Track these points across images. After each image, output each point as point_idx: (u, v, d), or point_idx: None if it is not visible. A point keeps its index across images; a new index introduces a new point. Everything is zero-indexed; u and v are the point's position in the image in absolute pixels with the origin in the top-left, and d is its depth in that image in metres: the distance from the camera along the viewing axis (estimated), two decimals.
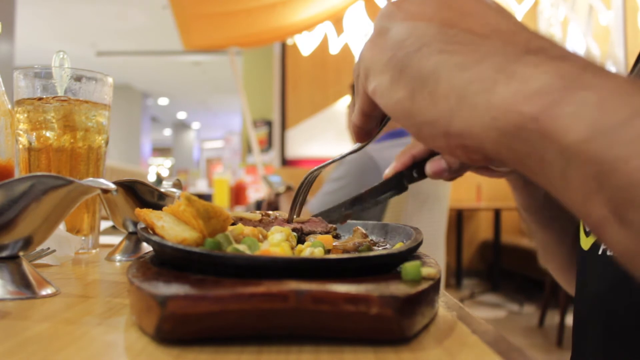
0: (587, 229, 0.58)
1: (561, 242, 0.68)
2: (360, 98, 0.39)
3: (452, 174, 0.51)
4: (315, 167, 0.51)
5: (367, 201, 0.51)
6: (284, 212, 0.53)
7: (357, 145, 0.48)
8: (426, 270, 0.34)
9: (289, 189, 2.15)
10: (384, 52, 0.35)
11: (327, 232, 0.49)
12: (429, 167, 0.50)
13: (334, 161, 0.51)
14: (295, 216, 0.52)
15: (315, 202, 1.81)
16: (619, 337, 0.51)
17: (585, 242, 0.58)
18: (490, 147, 0.30)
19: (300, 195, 0.52)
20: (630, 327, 0.49)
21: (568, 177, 0.26)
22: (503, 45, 0.30)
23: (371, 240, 0.48)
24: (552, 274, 0.75)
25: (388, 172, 0.51)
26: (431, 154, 0.51)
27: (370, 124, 0.42)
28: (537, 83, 0.27)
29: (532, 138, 0.27)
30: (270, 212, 0.53)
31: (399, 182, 0.51)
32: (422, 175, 0.51)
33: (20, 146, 0.64)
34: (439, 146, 0.33)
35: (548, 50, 0.29)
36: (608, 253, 0.53)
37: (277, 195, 2.19)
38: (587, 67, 0.27)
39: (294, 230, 0.48)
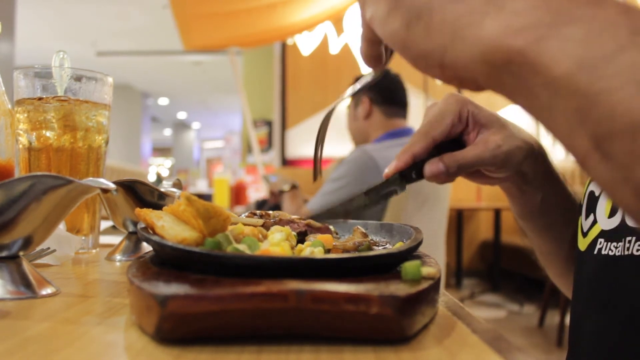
0: (584, 230, 0.58)
1: (558, 248, 0.68)
2: (362, 24, 0.40)
3: (448, 176, 0.51)
4: (329, 110, 0.48)
5: (368, 199, 0.50)
6: (284, 213, 0.53)
7: (372, 74, 0.46)
8: (426, 270, 0.34)
9: (294, 187, 2.12)
10: None
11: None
12: (427, 168, 0.50)
13: (346, 96, 0.49)
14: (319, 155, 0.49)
15: (315, 202, 1.81)
16: (615, 337, 0.51)
17: (582, 243, 0.58)
18: (483, 79, 0.31)
19: (319, 143, 0.49)
20: (626, 327, 0.49)
21: (553, 109, 0.27)
22: None
23: (371, 240, 0.48)
24: (552, 279, 0.74)
25: (389, 170, 0.50)
26: (430, 155, 0.51)
27: (376, 49, 0.43)
28: (525, 17, 0.28)
29: (519, 71, 0.28)
30: (271, 212, 0.53)
31: (399, 182, 0.51)
32: (420, 176, 0.51)
33: (20, 146, 0.64)
34: (434, 75, 0.34)
35: None
36: (603, 253, 0.53)
37: (282, 192, 2.16)
38: None
39: (300, 233, 0.47)
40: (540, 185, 0.60)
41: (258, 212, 0.52)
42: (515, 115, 3.17)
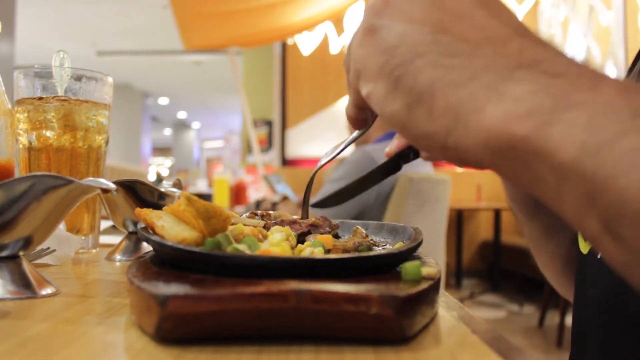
0: None
1: (549, 236, 0.68)
2: (353, 93, 0.39)
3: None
4: (319, 165, 0.51)
5: (371, 180, 0.51)
6: (285, 213, 0.53)
7: (357, 133, 0.48)
8: (426, 270, 0.34)
9: (284, 198, 2.19)
10: (376, 56, 0.34)
11: (330, 231, 0.49)
12: None
13: (339, 153, 0.50)
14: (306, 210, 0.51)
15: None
16: (618, 340, 0.51)
17: (584, 246, 0.58)
18: (487, 163, 0.30)
19: (309, 191, 0.52)
20: (630, 330, 0.49)
21: (562, 193, 0.27)
22: (494, 57, 0.30)
23: (371, 240, 0.48)
24: (542, 271, 0.75)
25: (389, 150, 0.51)
26: None
27: (364, 114, 0.43)
28: (526, 104, 0.28)
29: (525, 157, 0.28)
30: (272, 212, 0.53)
31: (397, 161, 0.52)
32: (417, 155, 0.52)
33: (21, 146, 0.64)
34: (436, 156, 0.34)
35: (541, 64, 0.29)
36: None
37: (274, 205, 2.25)
38: (580, 81, 0.27)
39: (302, 234, 0.47)
40: None
41: (259, 212, 0.52)
42: None
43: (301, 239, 0.47)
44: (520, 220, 0.70)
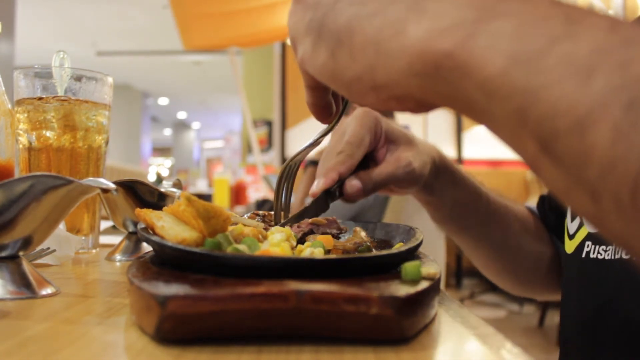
0: (570, 232, 0.58)
1: (476, 247, 0.69)
2: (300, 71, 0.38)
3: (365, 194, 0.51)
4: (289, 159, 0.50)
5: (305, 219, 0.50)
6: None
7: (325, 127, 0.47)
8: (426, 270, 0.34)
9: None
10: (304, 16, 0.34)
11: (338, 233, 0.48)
12: (348, 187, 0.50)
13: (307, 147, 0.49)
14: (282, 214, 0.50)
15: None
16: (604, 338, 0.51)
17: (569, 246, 0.58)
18: (417, 92, 0.28)
19: (281, 190, 0.50)
20: (615, 328, 0.49)
21: (493, 113, 0.25)
22: None
23: (372, 240, 0.48)
24: (481, 271, 0.76)
25: (316, 189, 0.50)
26: (354, 171, 0.51)
27: (321, 97, 0.41)
28: (448, 18, 0.26)
29: (451, 77, 0.26)
30: (262, 212, 0.53)
31: (325, 200, 0.50)
32: (342, 194, 0.51)
33: (20, 146, 0.64)
34: (371, 102, 0.32)
35: None
36: (592, 256, 0.53)
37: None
38: None
39: (305, 233, 0.47)
40: (447, 195, 0.61)
41: (260, 212, 0.52)
42: None
43: (301, 238, 0.47)
44: (449, 235, 0.70)
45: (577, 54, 0.22)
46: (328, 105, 0.42)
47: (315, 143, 0.49)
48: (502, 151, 4.87)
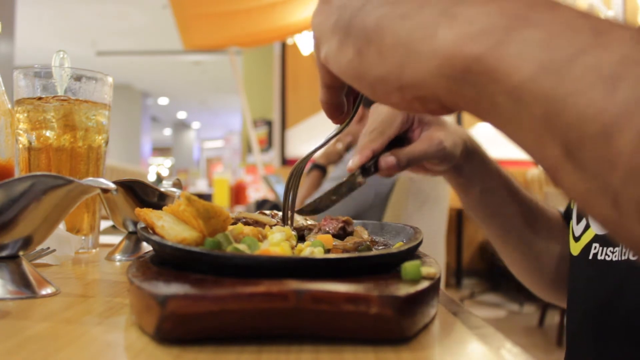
0: (576, 235, 0.58)
1: (505, 237, 0.70)
2: (319, 70, 0.39)
3: (399, 169, 0.55)
4: (300, 160, 0.51)
5: (336, 196, 0.52)
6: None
7: (337, 127, 0.48)
8: (426, 270, 0.34)
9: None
10: (330, 17, 0.34)
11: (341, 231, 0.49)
12: (383, 162, 0.54)
13: (318, 149, 0.50)
14: (289, 214, 0.51)
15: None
16: (610, 339, 0.51)
17: (575, 248, 0.58)
18: (443, 95, 0.29)
19: (290, 190, 0.51)
20: (621, 329, 0.49)
21: (519, 119, 0.26)
22: None
23: (372, 240, 0.48)
24: (508, 267, 0.77)
25: (353, 165, 0.53)
26: (387, 148, 0.55)
27: (335, 96, 0.42)
28: (480, 24, 0.26)
29: (479, 81, 0.26)
30: (269, 212, 0.53)
31: (361, 175, 0.52)
32: (377, 169, 0.54)
33: (20, 146, 0.64)
34: (395, 102, 0.32)
35: None
36: (599, 258, 0.53)
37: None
38: (537, 3, 0.26)
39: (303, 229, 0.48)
40: (476, 178, 0.64)
41: (267, 212, 0.52)
42: None
43: (300, 234, 0.47)
44: (479, 224, 0.71)
45: (605, 64, 0.22)
46: (341, 104, 0.43)
47: (326, 144, 0.50)
48: (502, 151, 4.87)
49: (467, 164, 0.63)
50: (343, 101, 0.43)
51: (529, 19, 0.25)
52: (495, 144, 1.18)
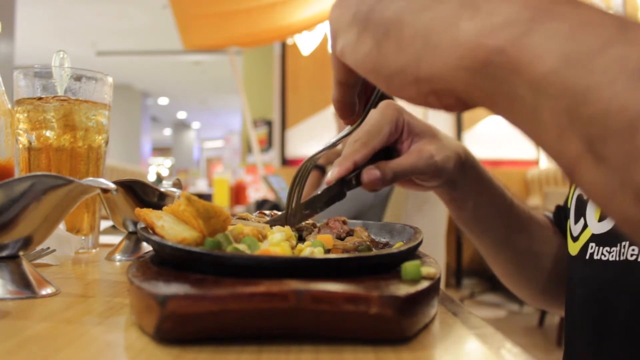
0: (574, 235, 0.58)
1: (498, 252, 0.68)
2: (334, 65, 0.38)
3: (383, 183, 0.50)
4: (307, 159, 0.50)
5: (315, 207, 0.50)
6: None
7: (348, 129, 0.47)
8: (426, 270, 0.34)
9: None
10: (348, 9, 0.34)
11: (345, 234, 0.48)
12: (365, 176, 0.50)
13: (325, 149, 0.49)
14: (292, 211, 0.50)
15: None
16: (608, 339, 0.51)
17: (573, 248, 0.58)
18: (461, 88, 0.29)
19: (295, 190, 0.51)
20: (619, 329, 0.49)
21: (540, 112, 0.25)
22: None
23: (372, 240, 0.48)
24: (500, 278, 0.75)
25: (331, 177, 0.50)
26: (370, 161, 0.51)
27: (348, 95, 0.41)
28: (503, 15, 0.26)
29: (500, 73, 0.26)
30: (269, 212, 0.53)
31: (340, 189, 0.50)
32: (359, 183, 0.50)
33: (20, 146, 0.64)
34: (411, 96, 0.32)
35: None
36: (595, 258, 0.53)
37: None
38: None
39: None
40: (471, 193, 0.61)
41: (267, 212, 0.52)
42: None
43: (302, 238, 0.47)
44: (470, 238, 0.69)
45: (630, 57, 0.22)
46: (353, 104, 0.42)
47: (334, 145, 0.49)
48: (503, 151, 4.87)
49: (462, 179, 0.59)
50: (355, 101, 0.42)
51: (553, 11, 0.25)
52: (495, 144, 1.18)
